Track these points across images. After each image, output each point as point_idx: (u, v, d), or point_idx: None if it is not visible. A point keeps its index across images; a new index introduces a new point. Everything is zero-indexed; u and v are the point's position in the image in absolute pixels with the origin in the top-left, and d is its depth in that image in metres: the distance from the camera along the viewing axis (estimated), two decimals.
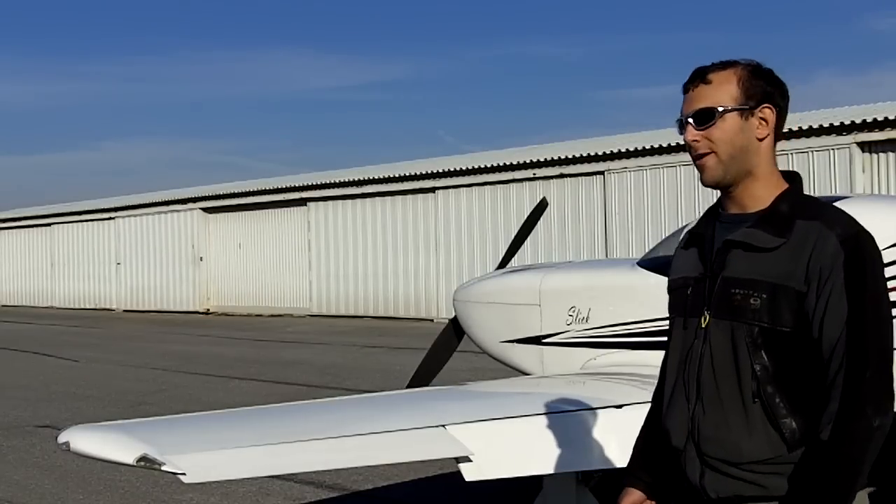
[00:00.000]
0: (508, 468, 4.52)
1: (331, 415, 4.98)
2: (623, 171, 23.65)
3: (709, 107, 2.54)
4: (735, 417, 2.48)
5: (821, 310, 2.40)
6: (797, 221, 2.47)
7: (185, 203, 36.48)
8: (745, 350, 2.47)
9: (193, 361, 18.85)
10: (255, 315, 32.92)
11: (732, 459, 2.48)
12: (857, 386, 2.34)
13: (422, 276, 28.15)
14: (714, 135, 2.54)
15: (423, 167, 28.55)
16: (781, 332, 2.44)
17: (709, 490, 2.54)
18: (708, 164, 2.55)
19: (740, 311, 2.48)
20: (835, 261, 2.39)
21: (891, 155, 19.58)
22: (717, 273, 2.56)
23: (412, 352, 13.77)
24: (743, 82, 2.55)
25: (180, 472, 3.59)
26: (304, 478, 8.26)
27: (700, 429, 2.54)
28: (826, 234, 2.42)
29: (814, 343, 2.42)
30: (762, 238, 2.49)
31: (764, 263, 2.47)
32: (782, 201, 2.54)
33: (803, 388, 2.44)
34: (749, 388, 2.46)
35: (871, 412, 2.33)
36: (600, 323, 7.04)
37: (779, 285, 2.44)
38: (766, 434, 2.45)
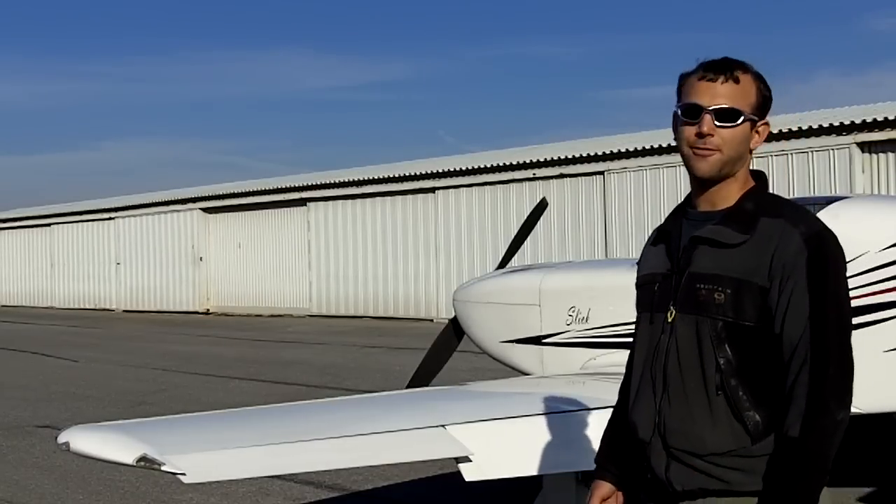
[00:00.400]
0: (508, 468, 4.52)
1: (331, 415, 4.98)
2: (623, 171, 23.65)
3: (735, 108, 2.55)
4: (699, 410, 2.52)
5: (783, 306, 2.45)
6: (761, 219, 2.53)
7: (184, 203, 36.48)
8: (709, 344, 2.52)
9: (193, 361, 18.84)
10: (255, 315, 32.91)
11: (697, 451, 2.52)
12: (821, 383, 2.39)
13: (422, 277, 28.15)
14: (727, 136, 2.56)
15: (423, 167, 28.55)
16: (745, 326, 2.49)
17: (674, 483, 2.58)
18: (711, 160, 2.56)
19: (705, 306, 2.53)
20: (798, 258, 2.44)
21: (891, 155, 19.58)
22: (684, 269, 2.61)
23: (412, 352, 13.77)
24: (759, 93, 2.61)
25: (180, 472, 3.59)
26: (304, 478, 8.26)
27: (666, 421, 2.58)
28: (790, 231, 2.47)
29: (776, 338, 2.47)
30: (727, 234, 2.53)
31: (728, 259, 2.52)
32: (747, 199, 2.59)
33: (766, 382, 2.49)
34: (713, 381, 2.51)
35: (835, 407, 2.39)
36: (600, 323, 7.04)
37: (743, 280, 2.48)
38: (730, 426, 2.49)
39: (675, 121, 2.65)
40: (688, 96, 2.60)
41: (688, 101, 2.59)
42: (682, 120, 2.60)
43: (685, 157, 2.62)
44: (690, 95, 2.59)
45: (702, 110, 2.56)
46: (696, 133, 2.56)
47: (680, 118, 2.61)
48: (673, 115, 2.66)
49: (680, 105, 2.62)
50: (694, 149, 2.58)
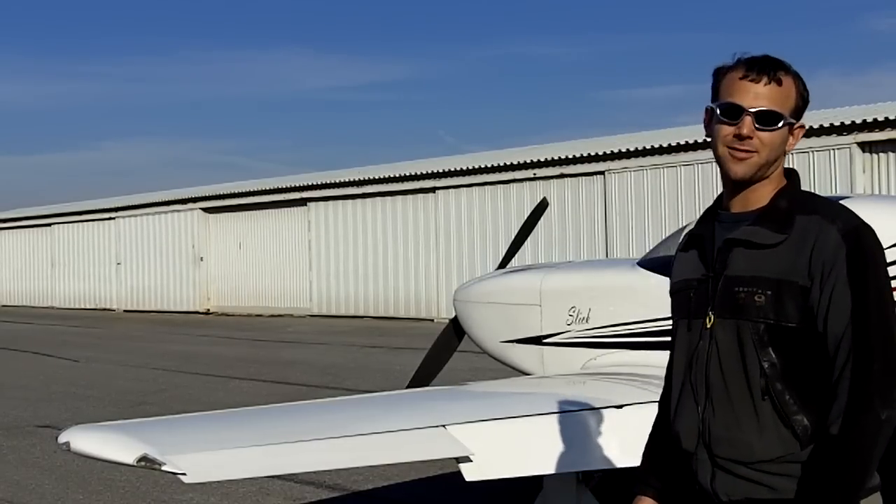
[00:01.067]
0: (509, 468, 4.52)
1: (331, 415, 4.98)
2: (623, 171, 23.64)
3: (778, 111, 2.49)
4: (746, 416, 2.46)
5: (825, 304, 2.38)
6: (797, 217, 2.47)
7: (185, 203, 36.48)
8: (752, 348, 2.45)
9: (193, 361, 18.84)
10: (256, 315, 32.91)
11: (744, 459, 2.46)
12: (864, 379, 2.33)
13: (422, 276, 28.15)
14: (767, 139, 2.49)
15: (423, 167, 28.55)
16: (787, 327, 2.42)
17: (720, 493, 2.52)
18: (749, 162, 2.50)
19: (745, 310, 2.47)
20: (837, 254, 2.38)
21: (891, 155, 19.58)
22: (720, 273, 2.54)
23: (412, 352, 13.77)
24: (799, 95, 2.54)
25: (181, 472, 3.58)
26: (305, 478, 8.26)
27: (711, 430, 2.52)
28: (827, 227, 2.42)
29: (820, 337, 2.40)
30: (763, 235, 2.48)
31: (766, 260, 2.46)
32: (780, 198, 2.53)
33: (812, 384, 2.42)
34: (758, 386, 2.44)
35: (880, 404, 2.32)
36: (600, 323, 7.03)
37: (782, 281, 2.42)
38: (778, 432, 2.43)
39: (709, 117, 2.58)
40: (728, 95, 2.52)
41: (728, 99, 2.51)
42: (719, 118, 2.53)
43: (720, 158, 2.55)
44: (731, 94, 2.51)
45: (742, 111, 2.48)
46: (735, 134, 2.49)
47: (718, 116, 2.53)
48: (708, 111, 2.59)
49: (719, 104, 2.53)
50: (731, 149, 2.51)
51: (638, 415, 4.97)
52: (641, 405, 5.09)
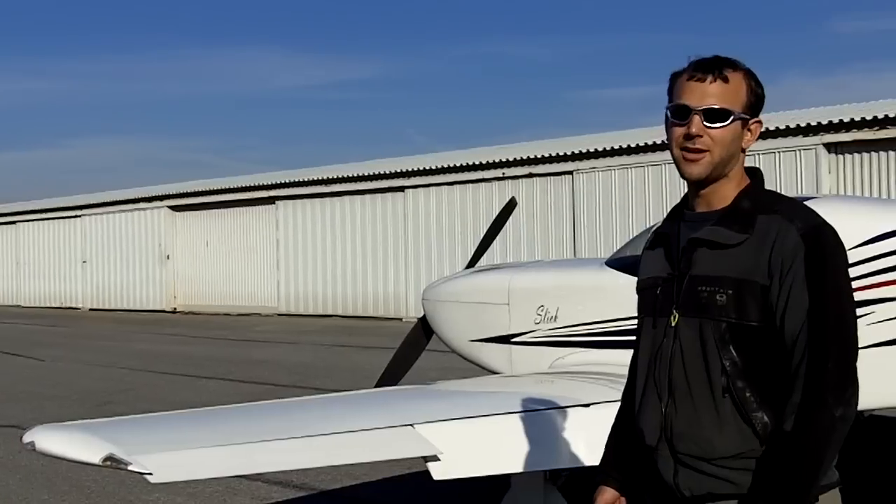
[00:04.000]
0: (476, 467, 4.52)
1: (299, 414, 4.97)
2: (591, 170, 23.72)
3: (725, 108, 2.52)
4: (706, 413, 2.49)
5: (783, 302, 2.42)
6: (759, 216, 2.50)
7: (151, 201, 36.25)
8: (713, 346, 2.48)
9: (160, 360, 18.73)
10: (223, 314, 32.75)
11: (705, 455, 2.50)
12: (818, 376, 2.36)
13: (391, 275, 28.13)
14: (717, 136, 2.52)
15: (392, 166, 28.51)
16: (749, 326, 2.46)
17: (682, 488, 2.56)
18: (702, 162, 2.53)
19: (707, 308, 2.50)
20: (796, 254, 2.42)
21: (856, 156, 19.77)
22: (685, 272, 2.58)
23: (381, 351, 13.75)
24: (751, 91, 2.57)
25: (147, 471, 3.56)
26: (272, 477, 8.23)
27: (673, 426, 2.56)
28: (787, 227, 2.45)
29: (779, 336, 2.44)
30: (725, 235, 2.51)
31: (728, 260, 2.49)
32: (744, 198, 2.57)
33: (773, 382, 2.46)
34: (719, 384, 2.47)
35: (833, 402, 2.34)
36: (568, 322, 7.06)
37: (743, 280, 2.46)
38: (738, 428, 2.46)
39: (665, 122, 2.62)
40: (677, 97, 2.57)
41: (677, 101, 2.56)
42: (671, 120, 2.58)
43: (675, 160, 2.59)
44: (680, 96, 2.56)
45: (690, 111, 2.53)
46: (685, 134, 2.53)
47: (669, 119, 2.58)
48: (665, 115, 2.63)
49: (669, 106, 2.58)
50: (683, 150, 2.55)
51: (605, 413, 4.99)
52: (609, 404, 5.11)
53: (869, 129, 19.25)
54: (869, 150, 19.56)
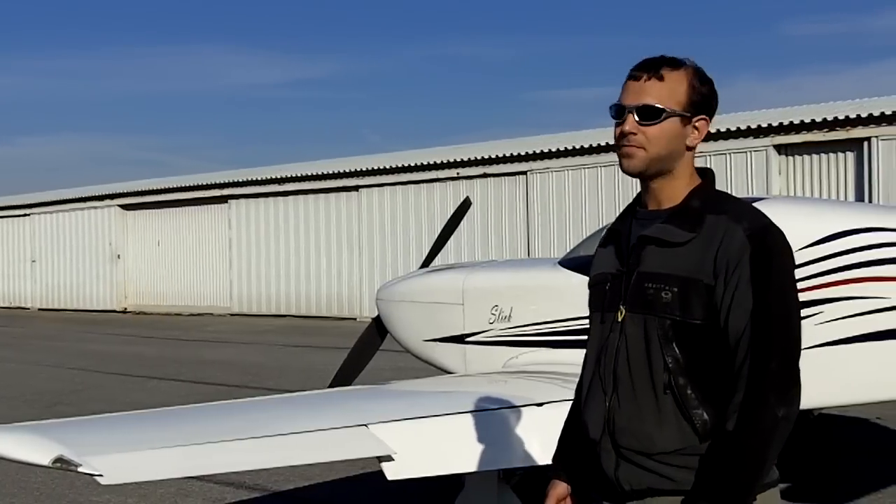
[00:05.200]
0: (430, 467, 4.53)
1: (252, 415, 4.95)
2: (545, 171, 23.83)
3: (657, 106, 2.55)
4: (648, 409, 2.52)
5: (727, 302, 2.44)
6: (707, 216, 2.52)
7: (102, 200, 35.87)
8: (657, 343, 2.51)
9: (111, 361, 18.54)
10: (174, 314, 32.50)
11: (645, 450, 2.52)
12: (761, 376, 2.38)
13: (345, 275, 28.06)
14: (651, 133, 2.56)
15: (346, 165, 28.44)
16: (692, 324, 2.48)
17: (622, 482, 2.59)
18: (636, 157, 2.58)
19: (653, 305, 2.53)
20: (741, 254, 2.44)
21: (806, 157, 20.03)
22: (633, 268, 2.60)
23: (335, 351, 13.71)
24: (691, 88, 2.59)
25: (97, 473, 3.53)
26: (224, 479, 8.18)
27: (615, 421, 2.58)
28: (733, 227, 2.47)
29: (724, 335, 2.46)
30: (674, 233, 2.54)
31: (675, 258, 2.52)
32: (693, 197, 2.59)
33: (715, 380, 2.48)
34: (661, 380, 2.50)
35: (775, 402, 2.37)
36: (522, 322, 7.10)
37: (689, 279, 2.48)
38: (678, 425, 2.49)
39: None
40: (619, 96, 2.62)
41: (617, 101, 2.61)
42: (613, 120, 2.63)
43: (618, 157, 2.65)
44: (620, 95, 2.61)
45: (625, 109, 2.57)
46: (620, 132, 2.59)
47: (612, 117, 2.63)
48: None
49: (610, 106, 2.64)
50: (619, 147, 2.60)
51: (558, 413, 5.01)
52: (561, 403, 5.14)
53: (818, 131, 19.51)
54: (818, 152, 19.82)
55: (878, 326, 5.60)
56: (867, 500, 7.19)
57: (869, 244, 5.67)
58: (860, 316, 5.64)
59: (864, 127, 18.95)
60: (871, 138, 18.86)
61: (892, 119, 18.61)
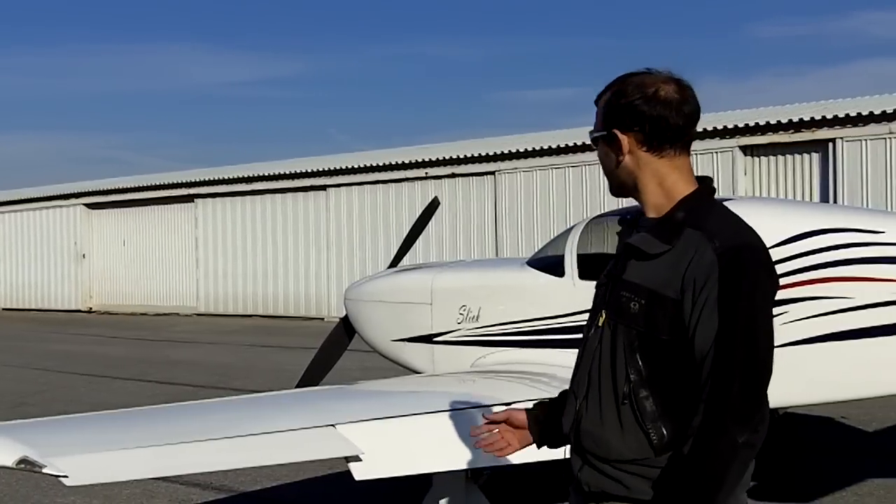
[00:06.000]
0: (398, 467, 4.53)
1: (219, 415, 4.92)
2: (513, 171, 23.87)
3: (591, 131, 2.67)
4: (609, 416, 2.53)
5: (694, 321, 2.38)
6: (686, 229, 2.46)
7: (67, 198, 35.55)
8: (622, 352, 2.51)
9: (76, 361, 18.40)
10: (140, 314, 32.27)
11: (603, 455, 2.55)
12: (721, 401, 2.32)
13: (312, 275, 27.97)
14: (600, 159, 2.67)
15: (314, 165, 28.34)
16: (658, 339, 2.45)
17: (583, 483, 2.63)
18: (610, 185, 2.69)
19: (623, 314, 2.52)
20: (709, 273, 2.37)
21: (771, 158, 20.18)
22: (618, 275, 2.60)
23: (302, 351, 13.66)
24: (605, 108, 2.59)
25: (62, 474, 3.51)
26: (190, 479, 8.13)
27: (581, 423, 2.61)
28: (704, 245, 2.40)
29: (689, 350, 2.41)
30: (650, 244, 2.50)
31: (648, 269, 2.49)
32: (679, 208, 2.53)
33: (678, 395, 2.44)
34: (622, 390, 2.50)
35: (736, 428, 2.30)
36: (490, 321, 7.11)
37: (656, 292, 2.45)
38: (635, 436, 2.48)
39: None
40: None
41: None
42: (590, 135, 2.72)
43: None
44: None
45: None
46: None
47: None
48: None
49: None
50: None
51: None
52: (529, 402, 5.15)
53: (784, 133, 19.67)
54: (784, 153, 19.99)
55: (843, 326, 5.66)
56: (832, 498, 7.25)
57: (834, 245, 5.73)
58: (825, 316, 5.69)
59: (829, 128, 19.13)
60: (835, 139, 19.04)
61: (857, 120, 18.80)
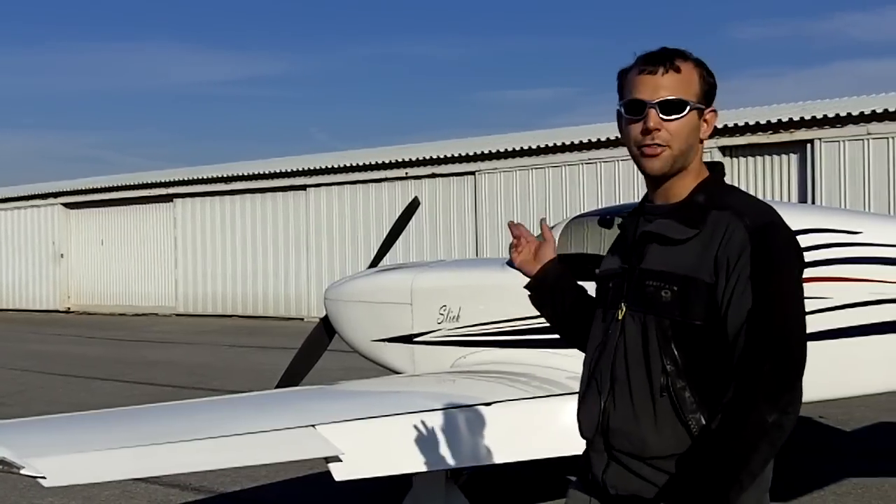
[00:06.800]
0: (378, 467, 4.53)
1: (199, 416, 4.91)
2: (494, 171, 23.89)
3: (681, 99, 2.46)
4: (643, 411, 2.44)
5: (727, 300, 2.35)
6: (711, 212, 2.44)
7: (45, 198, 35.35)
8: (655, 343, 2.43)
9: (54, 361, 18.29)
10: (119, 314, 32.13)
11: (637, 453, 2.45)
12: (753, 378, 2.28)
13: (292, 275, 27.91)
14: (674, 128, 2.46)
15: (293, 164, 28.28)
16: (692, 325, 2.39)
17: (609, 485, 2.52)
18: (662, 156, 2.48)
19: (653, 304, 2.45)
20: (742, 251, 2.34)
21: (750, 159, 20.29)
22: (636, 265, 2.53)
23: (282, 351, 13.63)
24: (703, 80, 2.52)
25: (40, 475, 3.49)
26: (169, 480, 8.10)
27: (609, 421, 2.51)
28: (735, 224, 2.38)
29: (724, 336, 2.37)
30: (675, 229, 2.46)
31: (676, 255, 2.44)
32: (699, 192, 2.52)
33: (715, 383, 2.38)
34: (658, 382, 2.42)
35: (766, 407, 2.26)
36: (470, 322, 7.11)
37: (689, 277, 2.40)
38: (674, 429, 2.40)
39: (619, 120, 2.56)
40: (630, 92, 2.50)
41: (630, 97, 2.49)
42: (626, 118, 2.51)
43: (634, 157, 2.53)
44: (633, 91, 2.49)
45: (645, 105, 2.46)
46: (643, 129, 2.47)
47: (624, 116, 2.52)
48: (617, 113, 2.57)
49: (623, 102, 2.52)
50: (642, 147, 2.49)
51: (506, 412, 5.05)
52: (510, 402, 5.16)
53: (763, 133, 19.77)
54: (763, 154, 20.10)
55: (821, 326, 5.68)
56: (810, 497, 7.29)
57: (812, 245, 5.75)
58: None
59: (808, 129, 19.24)
60: (814, 140, 19.15)
61: (835, 121, 18.92)
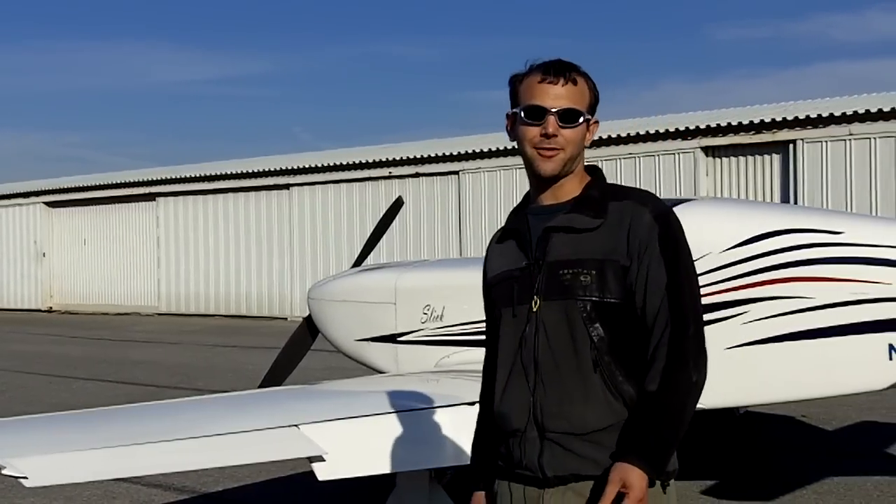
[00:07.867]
0: (361, 467, 4.52)
1: (181, 415, 4.90)
2: (477, 171, 23.92)
3: (577, 109, 2.69)
4: (576, 390, 2.60)
5: (642, 279, 2.60)
6: (610, 203, 2.68)
7: (27, 197, 35.21)
8: (580, 324, 2.61)
9: (36, 361, 18.21)
10: (101, 314, 32.01)
11: (576, 431, 2.59)
12: (680, 343, 2.55)
13: (275, 274, 27.88)
14: (569, 135, 2.68)
15: (277, 163, 28.24)
16: (611, 303, 2.61)
17: (546, 468, 2.63)
18: (556, 159, 2.68)
19: (571, 290, 2.63)
20: (651, 234, 2.61)
21: (733, 159, 20.37)
22: (541, 260, 2.69)
23: (265, 351, 13.63)
24: (591, 93, 2.76)
25: (21, 475, 3.48)
26: (151, 480, 8.07)
27: (542, 406, 2.63)
28: (640, 210, 2.64)
29: (639, 313, 2.61)
30: (581, 220, 2.67)
31: (587, 243, 2.65)
32: (591, 188, 2.75)
33: (635, 357, 2.60)
34: (588, 360, 2.60)
35: (693, 367, 2.55)
36: (454, 321, 7.12)
37: (605, 260, 2.62)
38: (608, 402, 2.58)
39: (513, 121, 2.77)
40: (530, 98, 2.70)
41: (531, 102, 2.69)
42: (524, 121, 2.71)
43: (529, 158, 2.73)
44: (533, 97, 2.70)
45: (546, 112, 2.67)
46: (542, 133, 2.68)
47: (522, 119, 2.72)
48: (510, 116, 2.78)
49: (523, 107, 2.71)
50: (539, 149, 2.69)
51: None
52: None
53: (745, 134, 19.86)
54: (745, 154, 20.18)
55: (802, 326, 5.71)
56: (791, 496, 7.32)
57: (794, 245, 5.78)
58: (785, 316, 5.74)
59: (790, 130, 19.33)
60: (796, 141, 19.24)
61: (817, 122, 19.02)
